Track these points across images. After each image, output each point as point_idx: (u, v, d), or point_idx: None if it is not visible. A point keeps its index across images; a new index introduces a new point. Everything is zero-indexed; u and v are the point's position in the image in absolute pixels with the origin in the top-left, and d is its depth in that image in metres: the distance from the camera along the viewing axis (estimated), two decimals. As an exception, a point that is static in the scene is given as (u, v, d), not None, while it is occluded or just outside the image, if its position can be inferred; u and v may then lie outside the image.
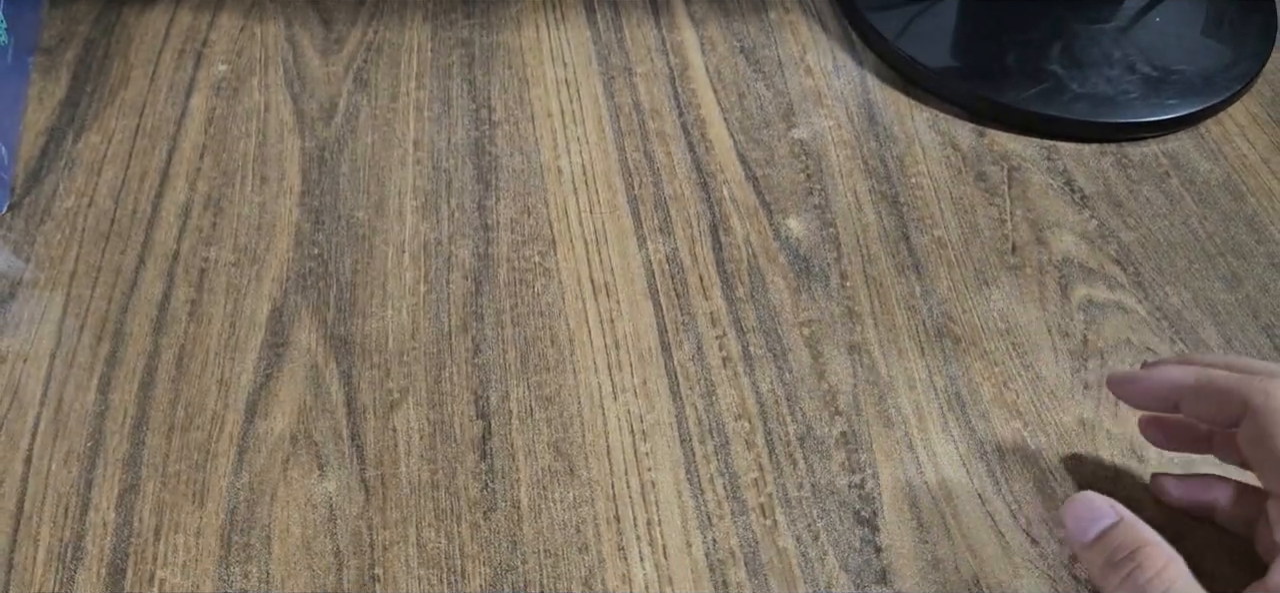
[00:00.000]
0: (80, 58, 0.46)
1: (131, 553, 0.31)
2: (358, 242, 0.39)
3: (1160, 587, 0.26)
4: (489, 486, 0.33)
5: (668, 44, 0.47)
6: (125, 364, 0.36)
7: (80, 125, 0.43)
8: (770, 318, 0.37)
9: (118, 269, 0.38)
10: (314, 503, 0.32)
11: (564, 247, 0.39)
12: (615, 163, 0.42)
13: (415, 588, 0.31)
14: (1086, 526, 0.29)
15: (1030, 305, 0.38)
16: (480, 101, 0.45)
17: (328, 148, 0.43)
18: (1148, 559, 0.27)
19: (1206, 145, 0.43)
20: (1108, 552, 0.28)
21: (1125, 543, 0.27)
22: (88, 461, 0.33)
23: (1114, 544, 0.28)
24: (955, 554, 0.31)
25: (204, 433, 0.34)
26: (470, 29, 0.48)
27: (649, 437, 0.34)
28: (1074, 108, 0.43)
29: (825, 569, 0.31)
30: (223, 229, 0.40)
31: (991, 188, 0.42)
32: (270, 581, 0.31)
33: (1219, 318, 0.37)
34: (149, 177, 0.42)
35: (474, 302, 0.38)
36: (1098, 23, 0.47)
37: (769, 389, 0.35)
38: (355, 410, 0.35)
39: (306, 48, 0.47)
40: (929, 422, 0.35)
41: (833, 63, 0.47)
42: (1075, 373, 0.36)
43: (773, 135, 0.43)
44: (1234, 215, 0.41)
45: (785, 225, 0.40)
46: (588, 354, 0.36)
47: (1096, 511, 0.29)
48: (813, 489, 0.33)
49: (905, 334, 0.37)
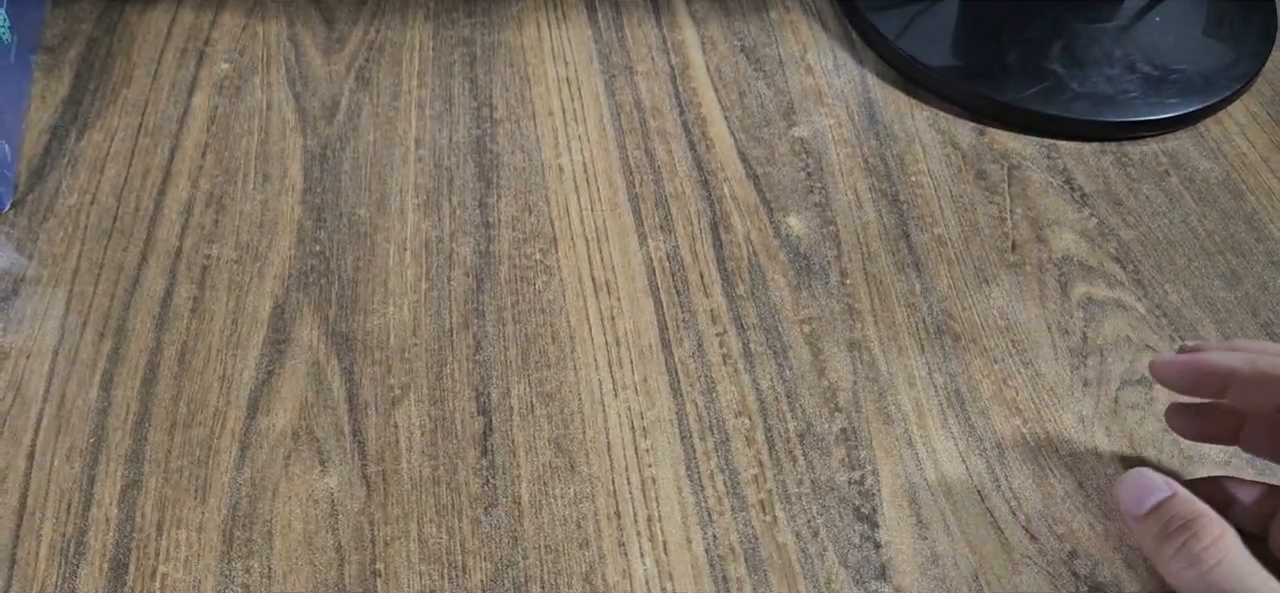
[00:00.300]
0: (83, 56, 0.47)
1: (134, 548, 0.31)
2: (359, 239, 0.39)
3: (1215, 556, 0.26)
4: (490, 481, 0.33)
5: (669, 43, 0.47)
6: (128, 361, 0.36)
7: (83, 123, 0.44)
8: (770, 315, 0.37)
9: (120, 266, 0.39)
10: (316, 499, 0.33)
11: (565, 244, 0.39)
12: (616, 161, 0.42)
13: (416, 583, 0.31)
14: (1141, 498, 0.29)
15: (1030, 303, 0.38)
16: (482, 100, 0.45)
17: (330, 146, 0.43)
18: (1203, 529, 0.27)
19: (1206, 144, 0.44)
20: (1162, 523, 0.28)
21: (1180, 514, 0.28)
22: (90, 456, 0.33)
23: (1168, 515, 0.28)
24: (954, 550, 0.32)
25: (206, 429, 0.34)
26: (472, 28, 0.48)
27: (649, 433, 0.34)
28: (1074, 107, 0.43)
29: (825, 565, 0.31)
30: (225, 226, 0.40)
31: (991, 186, 0.42)
32: (272, 576, 0.31)
33: (1218, 316, 0.38)
34: (151, 174, 0.42)
35: (475, 299, 0.38)
36: (1098, 22, 0.47)
37: (769, 386, 0.35)
38: (357, 407, 0.35)
39: (308, 46, 0.47)
40: (929, 419, 0.35)
41: (833, 62, 0.47)
42: (1074, 370, 0.36)
43: (773, 134, 0.43)
44: (1233, 214, 0.41)
45: (786, 223, 0.40)
46: (588, 351, 0.36)
47: (1151, 484, 0.29)
48: (813, 486, 0.33)
49: (905, 331, 0.37)
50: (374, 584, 0.31)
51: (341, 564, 0.31)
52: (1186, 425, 0.32)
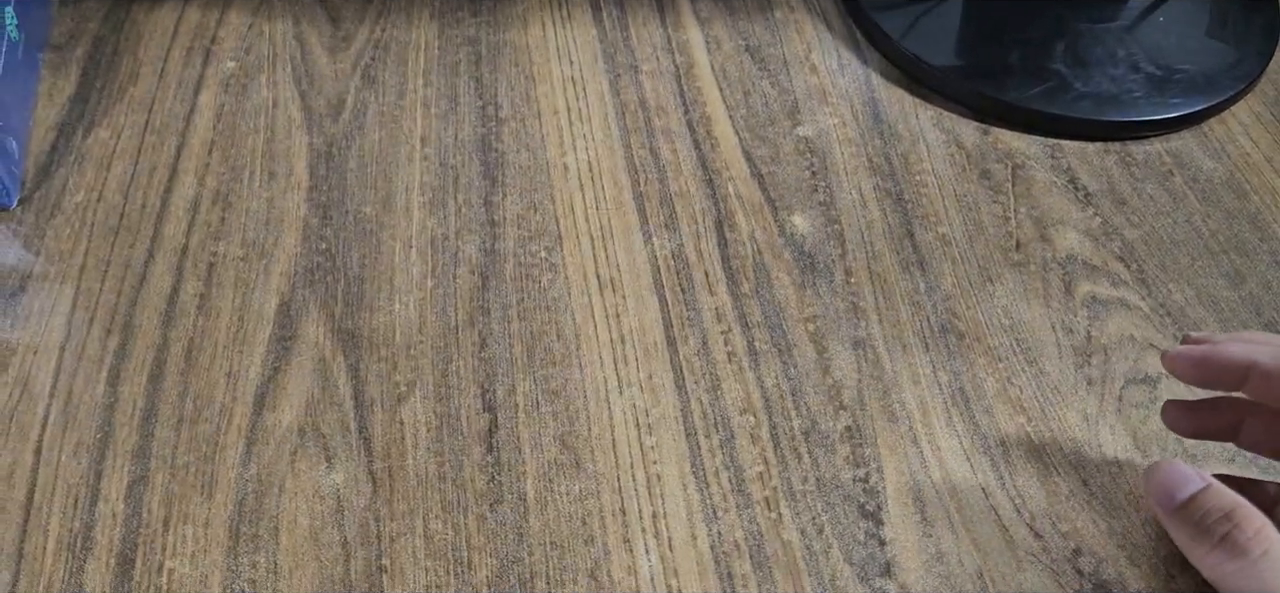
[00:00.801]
0: (90, 54, 0.47)
1: (140, 544, 0.32)
2: (365, 237, 0.40)
3: (1261, 546, 0.25)
4: (495, 478, 0.33)
5: (673, 42, 0.47)
6: (134, 357, 0.36)
7: (90, 121, 0.44)
8: (775, 313, 0.37)
9: (127, 263, 0.39)
10: (322, 495, 0.33)
11: (570, 242, 0.39)
12: (621, 159, 0.42)
13: (422, 579, 0.31)
14: (1173, 492, 0.28)
15: (1034, 302, 0.38)
16: (487, 99, 0.45)
17: (335, 144, 0.43)
18: (1245, 519, 0.26)
19: (1210, 144, 0.44)
20: (1198, 516, 0.27)
21: (1219, 506, 0.27)
22: (97, 452, 0.34)
23: (1205, 507, 0.27)
24: (959, 548, 0.32)
25: (212, 425, 0.34)
26: (477, 27, 0.48)
27: (654, 430, 0.34)
28: (1078, 106, 0.43)
29: (830, 562, 0.31)
30: (231, 224, 0.40)
31: (996, 185, 0.42)
32: (278, 571, 0.31)
33: (1222, 315, 0.38)
34: (158, 172, 0.42)
35: (481, 296, 0.38)
36: (1102, 22, 0.47)
37: (774, 384, 0.35)
38: (363, 403, 0.35)
39: (314, 45, 0.47)
40: (933, 417, 0.35)
41: (838, 61, 0.47)
42: (1078, 369, 0.36)
43: (778, 133, 0.44)
44: (1237, 213, 0.41)
45: (790, 222, 0.40)
46: (593, 349, 0.36)
47: (1184, 476, 0.28)
48: (817, 483, 0.33)
49: (909, 330, 0.37)
50: (379, 580, 0.31)
51: (347, 560, 0.31)
52: (1185, 422, 0.32)
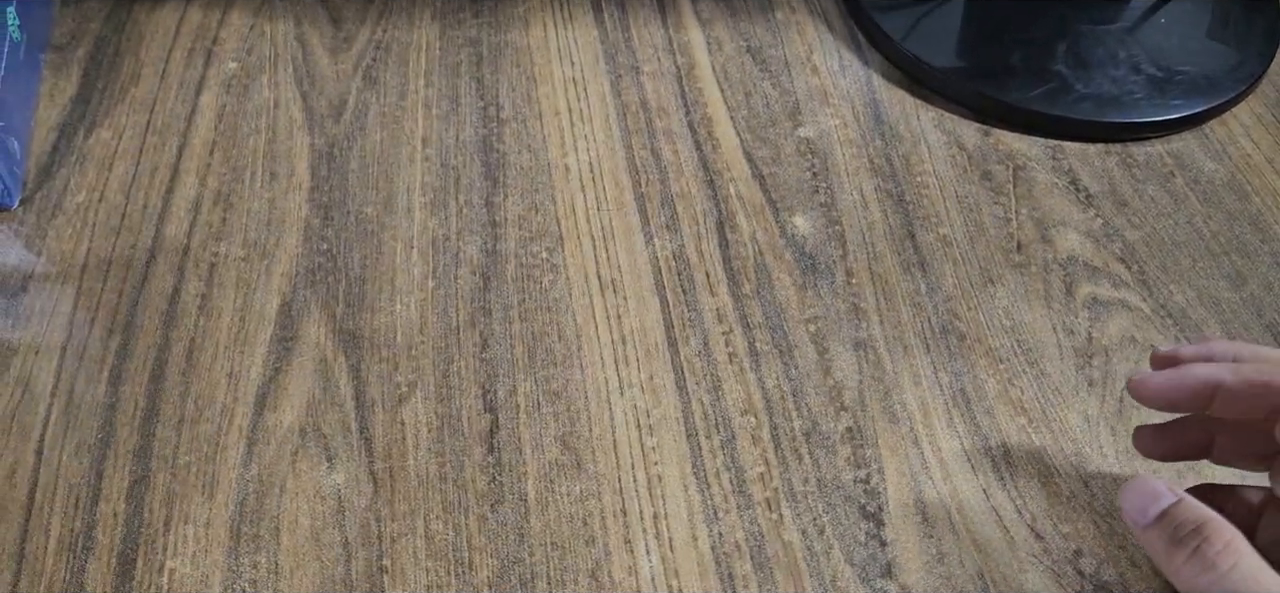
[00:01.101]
0: (91, 55, 0.47)
1: (142, 544, 0.32)
2: (366, 237, 0.40)
3: (1229, 559, 0.26)
4: (496, 479, 0.33)
5: (675, 43, 0.47)
6: (135, 357, 0.36)
7: (91, 121, 0.44)
8: (776, 314, 0.37)
9: (128, 263, 0.39)
10: (323, 495, 0.33)
11: (571, 243, 0.40)
12: (622, 160, 0.42)
13: (423, 580, 0.31)
14: (1146, 506, 0.28)
15: (1035, 303, 0.38)
16: (488, 99, 0.45)
17: (337, 145, 0.43)
18: (1214, 533, 0.26)
19: (1211, 145, 0.44)
20: (1170, 530, 0.27)
21: (1189, 519, 0.27)
22: (98, 452, 0.34)
23: (1177, 521, 0.27)
24: (960, 549, 0.32)
25: (213, 426, 0.34)
26: (478, 28, 0.48)
27: (655, 431, 0.34)
28: (1079, 108, 0.43)
29: (830, 563, 0.31)
30: (232, 224, 0.40)
31: (997, 187, 0.42)
32: (279, 571, 0.31)
33: (1223, 316, 0.38)
34: (159, 172, 0.42)
35: (482, 297, 0.38)
36: (1103, 23, 0.47)
37: (775, 385, 0.35)
38: (364, 404, 0.35)
39: (316, 46, 0.47)
40: (934, 418, 0.35)
41: (839, 62, 0.47)
42: (1079, 370, 0.36)
43: (779, 134, 0.44)
44: (1238, 215, 0.41)
45: (791, 223, 0.40)
46: (595, 349, 0.36)
47: (1155, 491, 0.28)
48: (818, 484, 0.33)
49: (910, 331, 0.37)
50: (381, 580, 0.31)
51: (348, 560, 0.31)
52: (1157, 446, 0.32)
